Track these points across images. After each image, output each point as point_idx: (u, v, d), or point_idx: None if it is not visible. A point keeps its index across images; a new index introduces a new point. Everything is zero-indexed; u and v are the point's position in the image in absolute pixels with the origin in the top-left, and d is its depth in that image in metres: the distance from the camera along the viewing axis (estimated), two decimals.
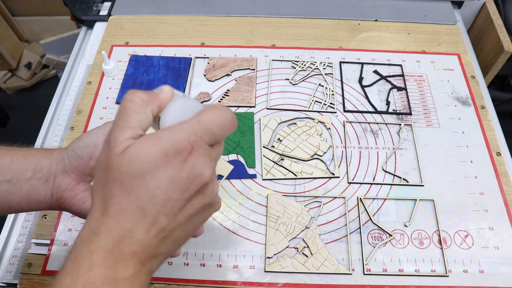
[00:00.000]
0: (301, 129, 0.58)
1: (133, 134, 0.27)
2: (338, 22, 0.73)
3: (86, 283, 0.24)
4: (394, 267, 0.48)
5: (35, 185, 0.35)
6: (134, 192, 0.25)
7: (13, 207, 0.36)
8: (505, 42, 0.70)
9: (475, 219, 0.51)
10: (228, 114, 0.28)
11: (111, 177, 0.26)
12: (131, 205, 0.25)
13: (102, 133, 0.36)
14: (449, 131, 0.59)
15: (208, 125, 0.27)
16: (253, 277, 0.47)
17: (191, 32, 0.70)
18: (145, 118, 0.28)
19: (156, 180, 0.25)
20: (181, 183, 0.26)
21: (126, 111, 0.28)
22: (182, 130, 0.26)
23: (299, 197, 0.53)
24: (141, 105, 0.28)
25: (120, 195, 0.26)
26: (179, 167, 0.26)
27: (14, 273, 0.48)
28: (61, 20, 1.48)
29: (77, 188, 0.36)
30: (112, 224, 0.26)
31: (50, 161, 0.36)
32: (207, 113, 0.27)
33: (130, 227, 0.26)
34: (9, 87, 1.55)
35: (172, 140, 0.26)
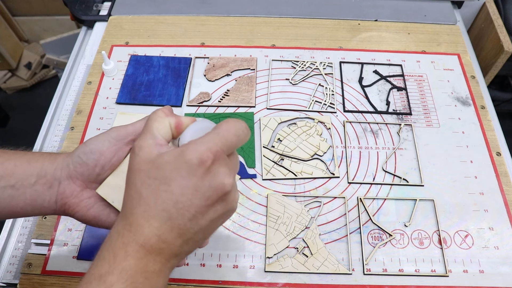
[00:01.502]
0: (301, 129, 0.58)
1: (154, 140, 0.30)
2: (338, 22, 0.73)
3: (122, 270, 0.27)
4: (394, 267, 0.48)
5: (39, 190, 0.35)
6: (160, 195, 0.28)
7: (17, 212, 0.36)
8: (505, 42, 0.70)
9: (475, 219, 0.51)
10: (242, 124, 0.31)
11: (140, 180, 0.29)
12: (158, 207, 0.28)
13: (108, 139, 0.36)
14: (449, 131, 0.59)
15: (226, 136, 0.29)
16: (253, 277, 0.47)
17: (191, 32, 0.70)
18: (163, 127, 0.31)
19: (181, 187, 0.28)
20: (204, 191, 0.28)
21: (148, 121, 0.32)
22: (204, 142, 0.29)
23: (299, 197, 0.53)
24: (162, 115, 0.32)
25: (147, 196, 0.28)
26: (203, 176, 0.28)
27: (14, 273, 0.48)
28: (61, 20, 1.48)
29: (82, 194, 0.36)
30: (141, 222, 0.28)
31: (55, 167, 0.36)
32: (223, 126, 0.30)
33: (157, 226, 0.28)
34: (9, 87, 1.55)
35: (195, 151, 0.28)
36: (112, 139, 0.36)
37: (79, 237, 0.49)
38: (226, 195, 0.29)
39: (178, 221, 0.28)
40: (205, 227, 0.30)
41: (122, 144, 0.37)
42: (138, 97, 0.62)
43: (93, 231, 0.49)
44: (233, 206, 0.31)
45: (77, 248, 0.48)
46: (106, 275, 0.27)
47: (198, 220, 0.29)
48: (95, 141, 0.36)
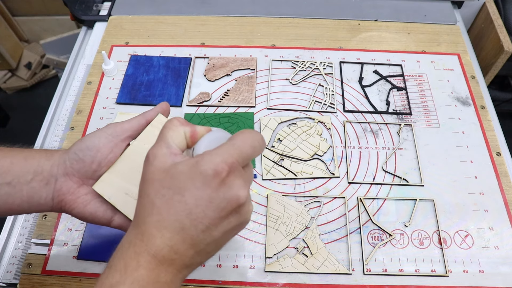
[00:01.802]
0: (301, 129, 0.58)
1: (168, 149, 0.30)
2: (338, 22, 0.73)
3: (134, 281, 0.27)
4: (394, 267, 0.48)
5: (36, 187, 0.35)
6: (173, 206, 0.28)
7: (14, 210, 0.36)
8: (505, 42, 0.70)
9: (475, 219, 0.51)
10: (258, 136, 0.30)
11: (153, 189, 0.29)
12: (171, 217, 0.28)
13: (104, 136, 0.36)
14: (449, 131, 0.59)
15: (241, 147, 0.29)
16: (253, 277, 0.47)
17: (191, 32, 0.70)
18: (178, 136, 0.31)
19: (195, 198, 0.28)
20: (218, 203, 0.28)
21: (163, 130, 0.31)
22: (219, 154, 0.28)
23: (299, 197, 0.53)
24: (177, 124, 0.31)
25: (161, 207, 0.28)
26: (217, 188, 0.28)
27: (14, 273, 0.48)
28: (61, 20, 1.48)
29: (79, 191, 0.36)
30: (154, 232, 0.28)
31: (51, 163, 0.36)
32: (239, 137, 0.30)
33: (169, 237, 0.28)
34: (9, 87, 1.55)
35: (211, 163, 0.28)
36: (109, 135, 0.36)
37: (79, 237, 0.49)
38: (240, 207, 0.29)
39: (191, 232, 0.28)
40: (217, 239, 0.29)
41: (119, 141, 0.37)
42: (138, 97, 0.62)
43: (93, 231, 0.49)
44: (246, 218, 0.30)
45: (77, 248, 0.48)
46: (117, 285, 0.27)
47: (211, 231, 0.28)
48: (92, 137, 0.36)
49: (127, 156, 0.38)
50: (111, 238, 0.49)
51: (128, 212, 0.37)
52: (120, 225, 0.38)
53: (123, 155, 0.38)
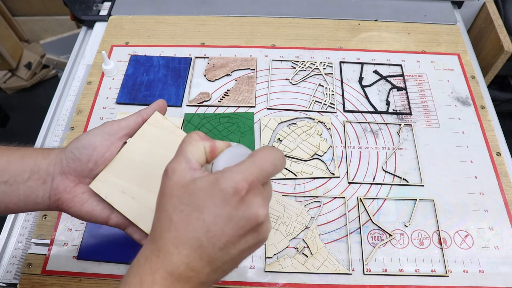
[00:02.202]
0: (301, 129, 0.58)
1: (187, 164, 0.29)
2: (338, 22, 0.73)
3: None
4: (394, 267, 0.48)
5: (33, 186, 0.35)
6: (191, 223, 0.27)
7: (11, 208, 0.36)
8: (505, 42, 0.70)
9: (475, 219, 0.51)
10: (279, 153, 0.30)
11: (171, 204, 0.28)
12: (188, 234, 0.27)
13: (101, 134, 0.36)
14: (449, 131, 0.59)
15: (262, 165, 0.29)
16: (253, 277, 0.47)
17: (191, 32, 0.70)
18: (197, 151, 0.30)
19: (214, 216, 0.27)
20: (237, 221, 0.27)
21: (182, 144, 0.31)
22: (239, 171, 0.28)
23: (299, 197, 0.53)
24: (197, 139, 0.31)
25: (179, 223, 0.28)
26: (236, 206, 0.27)
27: (14, 273, 0.48)
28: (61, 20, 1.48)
29: (75, 190, 0.36)
30: (170, 249, 0.28)
31: (48, 162, 0.36)
32: (259, 154, 0.29)
33: (186, 254, 0.27)
34: (9, 87, 1.55)
35: (231, 180, 0.27)
36: (105, 133, 0.36)
37: (79, 237, 0.49)
38: (258, 225, 0.28)
39: (208, 250, 0.27)
40: (234, 257, 0.29)
41: (115, 139, 0.37)
42: (138, 97, 0.62)
43: (93, 231, 0.49)
44: (264, 237, 0.30)
45: (77, 248, 0.48)
46: None
47: (228, 249, 0.28)
48: (88, 136, 0.36)
49: (123, 154, 0.38)
50: (111, 238, 0.49)
51: (125, 210, 0.37)
52: (117, 223, 0.38)
53: (120, 153, 0.38)
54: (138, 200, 0.37)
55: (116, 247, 0.48)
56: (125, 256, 0.47)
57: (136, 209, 0.37)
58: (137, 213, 0.37)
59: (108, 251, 0.48)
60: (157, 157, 0.38)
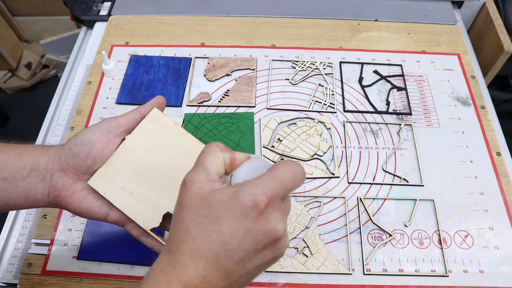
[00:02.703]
0: (301, 129, 0.58)
1: (206, 175, 0.29)
2: (338, 22, 0.73)
3: None
4: (394, 267, 0.48)
5: (32, 183, 0.35)
6: (209, 235, 0.27)
7: (10, 205, 0.36)
8: (505, 42, 0.70)
9: (475, 219, 0.51)
10: (299, 168, 0.30)
11: (189, 216, 0.28)
12: (205, 247, 0.27)
13: (99, 131, 0.36)
14: (449, 131, 0.59)
15: (282, 179, 0.28)
16: None
17: (191, 32, 0.70)
18: (217, 162, 0.30)
19: (232, 229, 0.27)
20: (255, 235, 0.27)
21: (201, 155, 0.31)
22: (259, 185, 0.27)
23: (299, 197, 0.53)
24: (216, 150, 0.31)
25: (196, 235, 0.27)
26: (255, 220, 0.27)
27: (14, 273, 0.48)
28: (61, 20, 1.48)
29: (74, 186, 0.36)
30: (186, 261, 0.27)
31: (47, 159, 0.36)
32: (280, 168, 0.29)
33: (203, 267, 0.27)
34: (9, 87, 1.55)
35: (250, 194, 0.27)
36: (103, 130, 0.36)
37: (79, 237, 0.49)
38: (276, 241, 0.28)
39: (225, 264, 0.27)
40: (250, 271, 0.28)
41: (113, 136, 0.37)
42: (138, 97, 0.62)
43: (93, 231, 0.49)
44: (282, 252, 0.30)
45: (77, 248, 0.48)
46: None
47: (245, 264, 0.28)
48: (86, 133, 0.36)
49: (122, 151, 0.38)
50: (111, 238, 0.49)
51: (123, 207, 0.37)
52: (116, 220, 0.38)
53: (118, 150, 0.38)
54: (137, 197, 0.37)
55: (116, 247, 0.48)
56: (125, 256, 0.47)
57: (135, 205, 0.37)
58: (135, 209, 0.37)
59: (108, 251, 0.48)
60: (156, 153, 0.38)
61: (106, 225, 0.49)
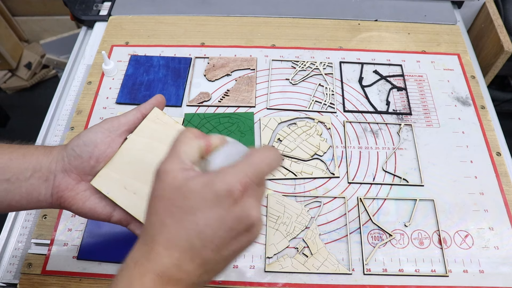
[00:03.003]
0: (301, 129, 0.58)
1: (180, 164, 0.29)
2: (338, 22, 0.73)
3: None
4: (394, 267, 0.48)
5: (35, 184, 0.35)
6: (184, 225, 0.27)
7: (13, 206, 0.36)
8: (505, 42, 0.70)
9: (475, 219, 0.51)
10: (275, 153, 0.29)
11: (163, 207, 0.28)
12: (181, 237, 0.27)
13: (101, 131, 0.36)
14: (449, 131, 0.59)
15: (258, 166, 0.28)
16: (253, 277, 0.47)
17: (191, 32, 0.70)
18: (191, 150, 0.30)
19: (207, 218, 0.27)
20: (230, 223, 0.27)
21: (176, 143, 0.30)
22: (234, 173, 0.27)
23: (299, 197, 0.53)
24: (191, 137, 0.30)
25: (171, 225, 0.27)
26: (230, 208, 0.27)
27: (14, 273, 0.48)
28: (61, 20, 1.48)
29: (78, 187, 0.36)
30: (161, 251, 0.27)
31: (50, 160, 0.36)
32: (256, 154, 0.29)
33: (178, 257, 0.27)
34: (9, 87, 1.55)
35: (225, 182, 0.27)
36: (105, 130, 0.36)
37: (79, 237, 0.49)
38: (251, 227, 0.28)
39: (201, 252, 0.27)
40: (226, 258, 0.29)
41: (116, 135, 0.37)
42: (138, 97, 0.62)
43: (93, 231, 0.49)
44: (256, 236, 0.30)
45: (77, 248, 0.48)
46: None
47: (221, 251, 0.28)
48: (89, 133, 0.36)
49: (124, 150, 0.38)
50: (111, 238, 0.49)
51: (127, 206, 0.37)
52: (120, 220, 0.38)
53: (121, 149, 0.38)
54: (140, 196, 0.37)
55: (116, 247, 0.48)
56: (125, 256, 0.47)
57: (138, 204, 0.37)
58: (139, 208, 0.37)
59: (108, 251, 0.48)
60: (158, 152, 0.38)
61: (106, 225, 0.49)
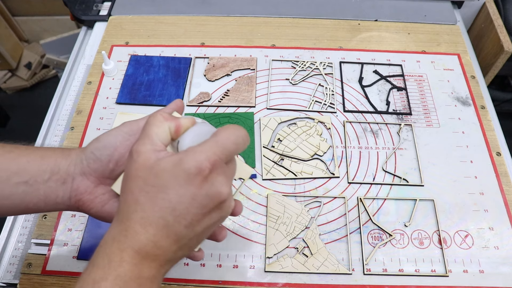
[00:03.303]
0: (301, 129, 0.58)
1: (152, 146, 0.30)
2: (338, 22, 0.73)
3: (117, 276, 0.27)
4: (394, 267, 0.48)
5: (53, 186, 0.35)
6: (158, 203, 0.28)
7: (31, 208, 0.35)
8: (505, 42, 0.70)
9: (475, 219, 0.51)
10: (242, 131, 0.30)
11: (137, 186, 0.29)
12: (155, 214, 0.28)
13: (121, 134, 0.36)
14: (449, 131, 0.59)
15: (224, 144, 0.29)
16: (253, 277, 0.47)
17: (191, 32, 0.70)
18: (162, 132, 0.31)
19: (179, 196, 0.28)
20: (201, 199, 0.28)
21: (147, 125, 0.31)
22: (202, 151, 0.28)
23: (299, 197, 0.53)
24: (161, 120, 0.31)
25: (145, 203, 0.28)
26: (200, 185, 0.28)
27: (14, 273, 0.48)
28: (61, 20, 1.48)
29: (96, 191, 0.36)
30: (138, 228, 0.28)
31: (68, 163, 0.35)
32: (222, 133, 0.30)
33: (154, 233, 0.28)
34: (9, 87, 1.55)
35: (194, 161, 0.28)
36: (125, 134, 0.36)
37: (79, 237, 0.49)
38: (222, 203, 0.30)
39: (175, 228, 0.28)
40: (199, 233, 0.30)
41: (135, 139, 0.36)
42: (138, 97, 0.62)
43: (93, 231, 0.49)
44: (227, 212, 0.31)
45: (77, 248, 0.48)
46: (100, 281, 0.27)
47: (194, 227, 0.29)
48: (108, 136, 0.36)
49: None
50: None
51: None
52: None
53: None
54: None
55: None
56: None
57: None
58: None
59: None
60: None
61: (106, 225, 0.49)
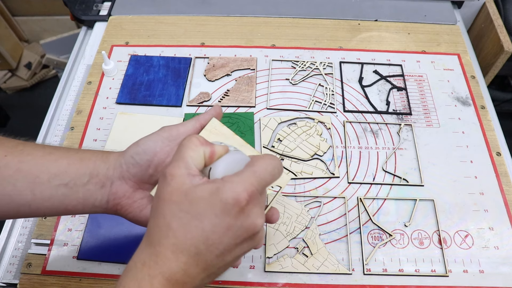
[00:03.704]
0: (301, 129, 0.58)
1: (187, 170, 0.29)
2: (338, 22, 0.73)
3: None
4: (394, 267, 0.48)
5: (92, 189, 0.35)
6: (191, 231, 0.28)
7: (69, 210, 0.35)
8: (505, 42, 0.70)
9: (475, 219, 0.51)
10: (277, 162, 0.30)
11: (170, 211, 0.28)
12: (187, 242, 0.28)
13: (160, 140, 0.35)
14: (449, 131, 0.59)
15: (262, 175, 0.29)
16: (253, 277, 0.47)
17: (191, 32, 0.70)
18: (197, 156, 0.30)
19: (213, 225, 0.28)
20: (236, 230, 0.28)
21: (181, 148, 0.31)
22: (240, 182, 0.28)
23: (299, 197, 0.53)
24: (197, 144, 0.31)
25: (178, 230, 0.28)
26: (236, 216, 0.28)
27: (14, 273, 0.48)
28: (61, 20, 1.48)
29: (135, 195, 0.36)
30: (169, 255, 0.28)
31: (107, 166, 0.35)
32: (259, 163, 0.30)
33: (185, 261, 0.28)
34: (9, 87, 1.55)
35: (231, 191, 0.28)
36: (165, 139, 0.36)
37: (79, 237, 0.49)
38: (255, 234, 0.29)
39: (206, 257, 0.28)
40: (228, 262, 0.30)
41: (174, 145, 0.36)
42: (138, 97, 0.62)
43: (93, 231, 0.49)
44: (259, 243, 0.31)
45: (77, 248, 0.48)
46: None
47: (224, 256, 0.29)
48: (148, 141, 0.35)
49: None
50: (111, 238, 0.49)
51: None
52: None
53: None
54: None
55: (116, 247, 0.48)
56: (125, 256, 0.47)
57: None
58: None
59: (108, 251, 0.48)
60: None
61: (106, 225, 0.49)
